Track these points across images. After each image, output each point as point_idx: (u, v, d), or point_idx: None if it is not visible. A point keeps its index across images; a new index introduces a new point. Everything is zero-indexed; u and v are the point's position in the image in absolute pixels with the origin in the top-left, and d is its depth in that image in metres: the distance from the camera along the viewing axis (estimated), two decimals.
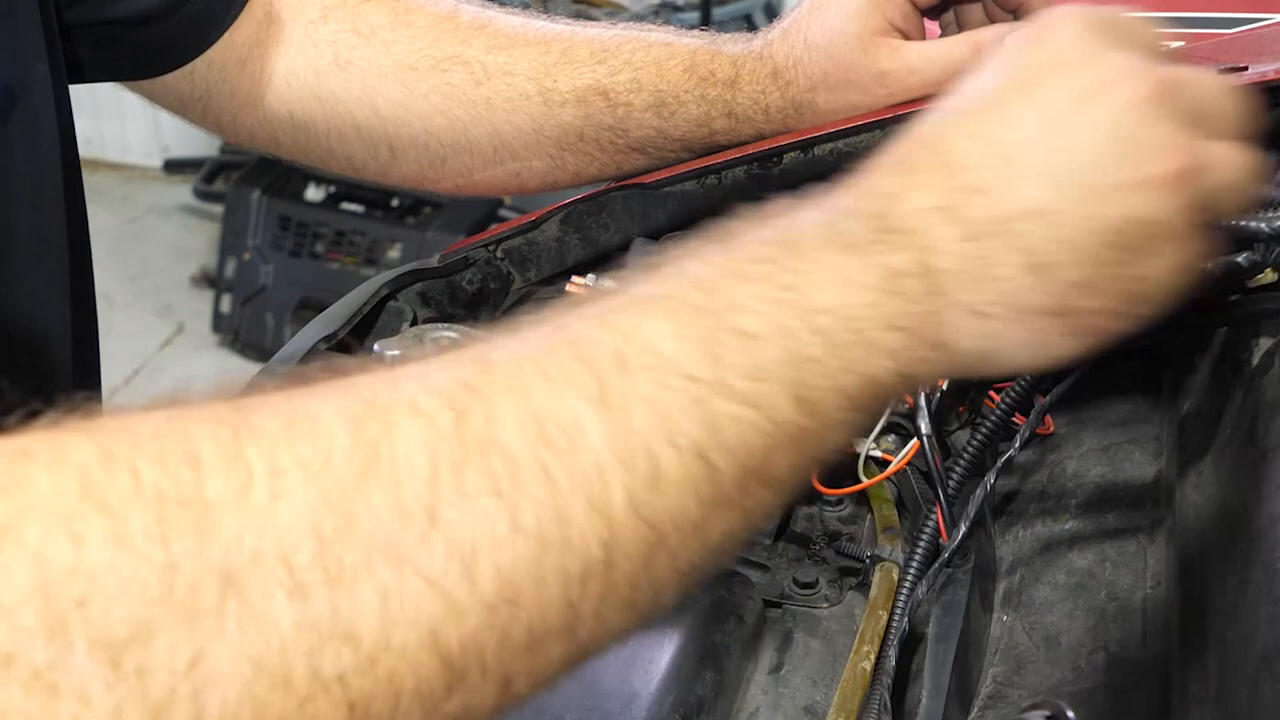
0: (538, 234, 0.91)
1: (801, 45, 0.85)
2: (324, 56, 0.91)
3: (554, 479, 0.39)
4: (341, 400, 0.40)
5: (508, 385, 0.41)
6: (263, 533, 0.36)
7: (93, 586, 0.33)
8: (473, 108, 0.90)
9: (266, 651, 0.35)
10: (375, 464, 0.38)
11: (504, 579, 0.38)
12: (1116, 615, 0.68)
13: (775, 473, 0.45)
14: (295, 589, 0.35)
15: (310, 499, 0.37)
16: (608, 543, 0.40)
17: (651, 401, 0.42)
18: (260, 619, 0.35)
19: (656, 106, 0.87)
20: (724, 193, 0.86)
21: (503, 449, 0.39)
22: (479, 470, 0.39)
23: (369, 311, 0.85)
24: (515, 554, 0.38)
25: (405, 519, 0.37)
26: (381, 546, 0.37)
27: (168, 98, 0.93)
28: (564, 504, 0.39)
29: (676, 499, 0.42)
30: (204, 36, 0.89)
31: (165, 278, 3.56)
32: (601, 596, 0.41)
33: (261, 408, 0.39)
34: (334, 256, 3.18)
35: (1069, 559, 0.72)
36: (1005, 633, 0.69)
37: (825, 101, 0.85)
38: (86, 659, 0.33)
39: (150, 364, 3.23)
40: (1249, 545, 0.60)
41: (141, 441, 0.37)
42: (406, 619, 0.37)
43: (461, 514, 0.38)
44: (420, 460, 0.38)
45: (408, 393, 0.40)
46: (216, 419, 0.38)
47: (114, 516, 0.34)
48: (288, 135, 0.95)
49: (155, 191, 3.99)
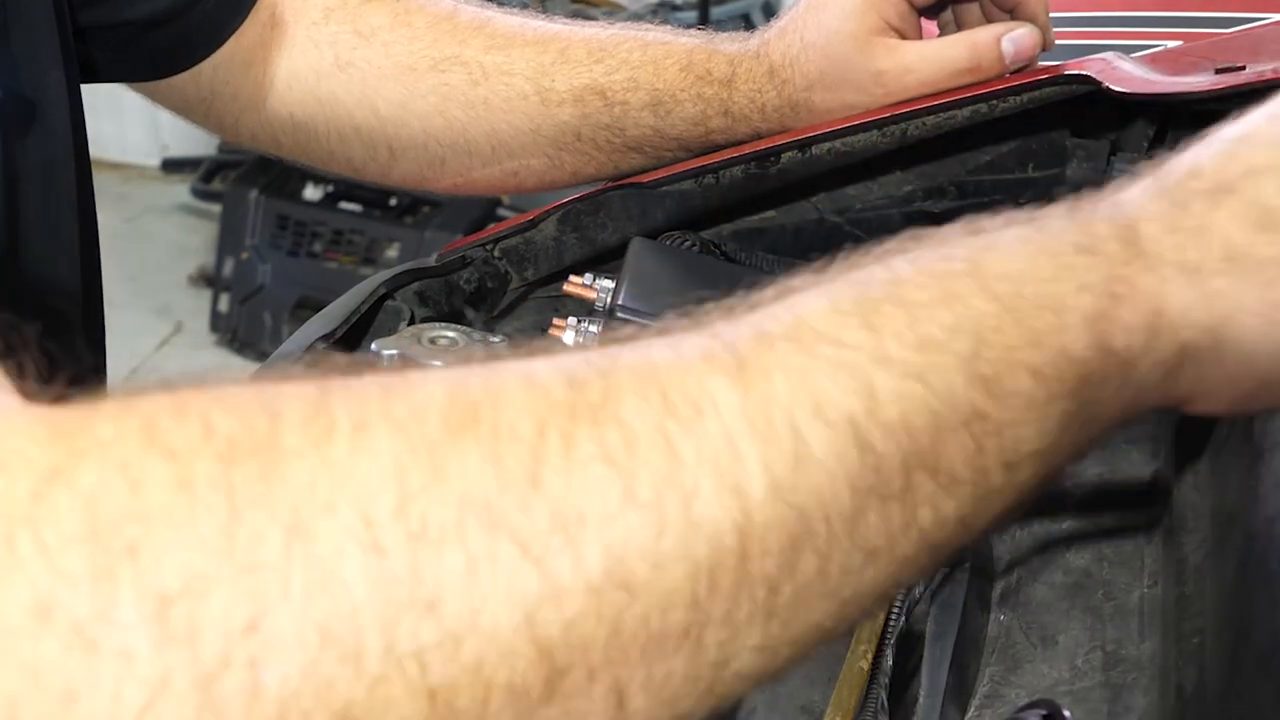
0: (535, 233, 0.91)
1: (798, 44, 0.85)
2: (325, 58, 0.91)
3: (678, 451, 0.34)
4: (449, 370, 0.36)
5: (633, 362, 0.37)
6: (339, 483, 0.32)
7: (147, 532, 0.30)
8: (471, 108, 0.90)
9: (335, 615, 0.30)
10: (474, 423, 0.34)
11: (614, 557, 0.33)
12: (1114, 614, 0.68)
13: (947, 464, 0.38)
14: (372, 545, 0.31)
15: (396, 450, 0.33)
16: (742, 528, 0.34)
17: (797, 370, 0.36)
18: (330, 578, 0.31)
19: (653, 106, 0.87)
20: (721, 192, 0.86)
21: (620, 420, 0.35)
22: (591, 438, 0.34)
23: (366, 311, 0.85)
24: (629, 530, 0.33)
25: (504, 480, 0.33)
26: (475, 506, 0.32)
27: (171, 98, 0.93)
28: (689, 478, 0.34)
29: (826, 483, 0.36)
30: (213, 39, 0.90)
31: (163, 277, 3.55)
32: (733, 597, 0.35)
33: (363, 378, 0.36)
34: (332, 256, 3.18)
35: (1066, 558, 0.72)
36: (1002, 632, 0.69)
37: (822, 101, 0.85)
38: (133, 610, 0.29)
39: (148, 363, 3.23)
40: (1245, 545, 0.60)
41: (222, 396, 0.33)
42: (499, 593, 0.32)
43: (568, 480, 0.33)
44: (525, 424, 0.34)
45: (523, 365, 0.36)
46: (307, 380, 0.35)
47: (178, 461, 0.31)
48: (288, 136, 0.95)
49: (153, 191, 3.98)
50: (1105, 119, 0.88)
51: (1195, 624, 0.63)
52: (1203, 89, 0.74)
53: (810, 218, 0.93)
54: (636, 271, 0.80)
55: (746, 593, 0.35)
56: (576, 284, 0.81)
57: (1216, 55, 0.80)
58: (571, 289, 0.82)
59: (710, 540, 0.34)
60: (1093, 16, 1.06)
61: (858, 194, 0.92)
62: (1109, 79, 0.76)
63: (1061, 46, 0.86)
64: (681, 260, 0.84)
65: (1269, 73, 0.73)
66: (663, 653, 0.34)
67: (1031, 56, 0.84)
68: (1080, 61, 0.79)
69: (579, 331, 0.79)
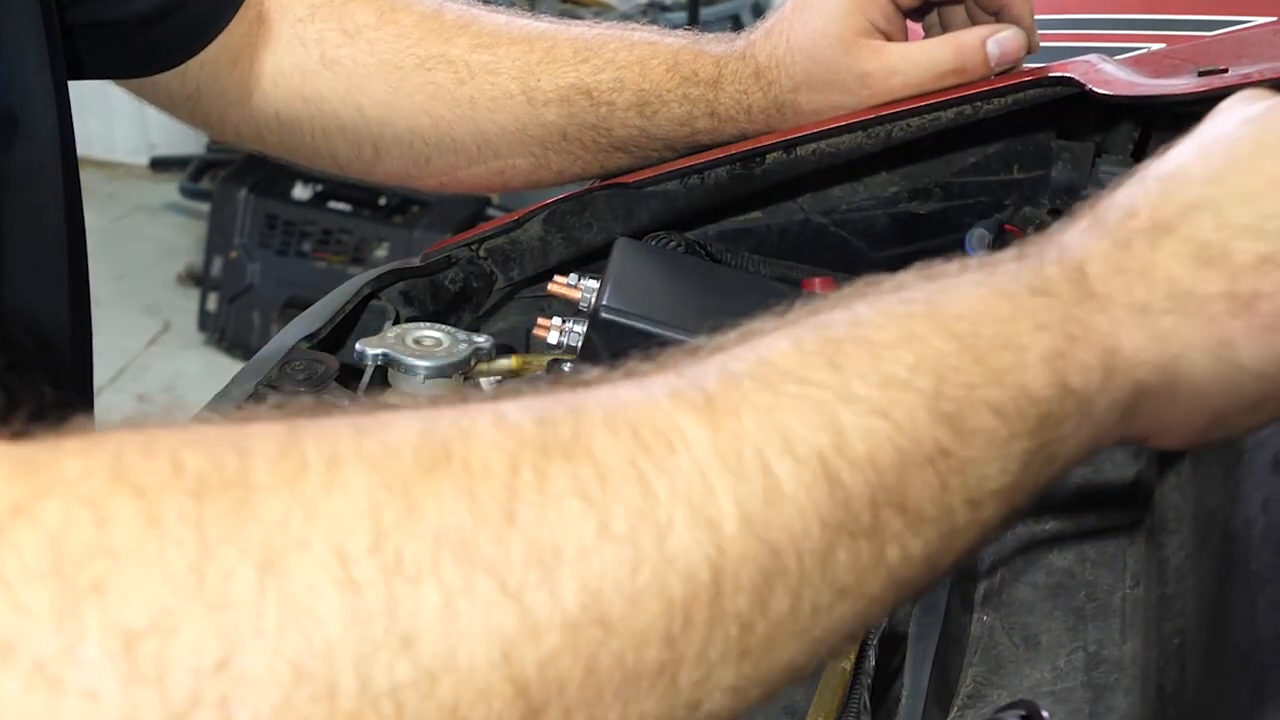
0: (520, 233, 0.91)
1: (784, 45, 0.85)
2: (310, 55, 0.91)
3: (650, 486, 0.34)
4: (419, 410, 0.36)
5: (599, 400, 0.37)
6: (312, 519, 0.31)
7: (113, 568, 0.29)
8: (457, 106, 0.90)
9: (308, 653, 0.30)
10: (447, 460, 0.33)
11: (591, 592, 0.33)
12: (1095, 615, 0.68)
13: (913, 501, 0.38)
14: (346, 582, 0.31)
15: (369, 486, 0.32)
16: (716, 563, 0.34)
17: (764, 407, 0.37)
18: (303, 615, 0.30)
19: (639, 106, 0.87)
20: (707, 193, 0.86)
21: (592, 455, 0.35)
22: (564, 473, 0.34)
23: (351, 311, 0.85)
24: (605, 564, 0.33)
25: (479, 516, 0.33)
26: (450, 542, 0.32)
27: (157, 95, 0.93)
28: (663, 512, 0.34)
29: (797, 518, 0.36)
30: (201, 37, 0.89)
31: (151, 276, 3.54)
32: (707, 635, 0.34)
33: (333, 417, 0.35)
34: (321, 255, 3.17)
35: (1049, 559, 0.72)
36: (985, 632, 0.69)
37: (808, 102, 0.85)
38: (99, 648, 0.28)
39: (136, 362, 3.22)
40: (1226, 546, 0.60)
41: (190, 435, 0.33)
42: (475, 631, 0.31)
43: (543, 515, 0.33)
44: (497, 460, 0.34)
45: (491, 407, 0.36)
46: (275, 420, 0.34)
47: (146, 498, 0.30)
48: (274, 134, 0.95)
49: (141, 189, 3.97)
50: (1090, 121, 0.89)
51: (1176, 624, 0.63)
52: (1186, 91, 0.75)
53: (795, 218, 0.93)
54: (621, 272, 0.80)
55: (720, 630, 0.35)
56: (561, 284, 0.81)
57: (1199, 58, 0.80)
58: (556, 289, 0.82)
59: (684, 575, 0.34)
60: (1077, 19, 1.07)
61: (843, 195, 0.92)
62: (1092, 81, 0.76)
63: (1046, 49, 0.86)
64: (666, 261, 0.84)
65: (1255, 74, 0.73)
66: (637, 692, 0.34)
67: (1016, 59, 0.84)
68: (1064, 64, 0.80)
69: (563, 332, 0.79)
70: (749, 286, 0.84)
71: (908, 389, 0.38)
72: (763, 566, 0.35)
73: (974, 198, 0.90)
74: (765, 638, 0.36)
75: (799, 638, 0.37)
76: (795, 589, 0.36)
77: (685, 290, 0.81)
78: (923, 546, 0.39)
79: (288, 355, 0.78)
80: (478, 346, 0.78)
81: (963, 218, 0.89)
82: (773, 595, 0.35)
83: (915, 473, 0.38)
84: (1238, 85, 0.72)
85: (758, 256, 0.92)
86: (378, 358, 0.76)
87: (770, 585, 0.35)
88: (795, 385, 0.37)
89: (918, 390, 0.38)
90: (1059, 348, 0.41)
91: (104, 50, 0.87)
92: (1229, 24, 0.94)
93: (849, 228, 0.92)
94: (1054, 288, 0.42)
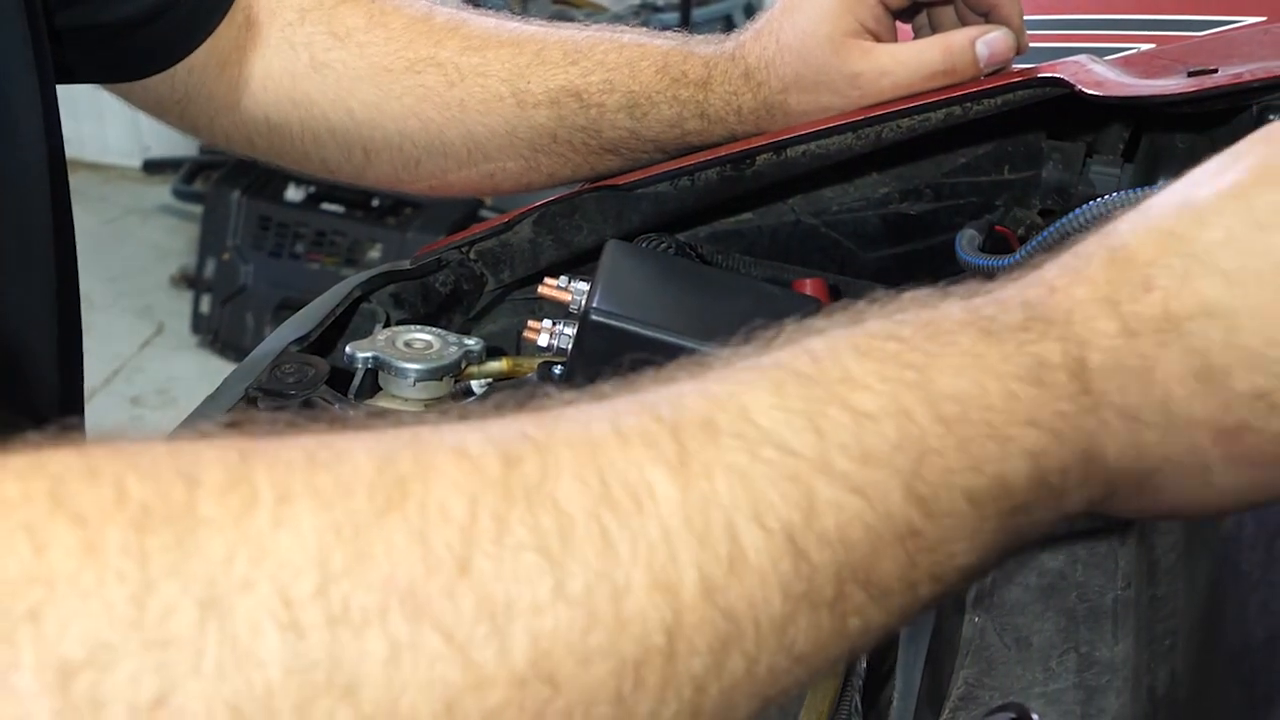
0: (511, 235, 0.91)
1: (774, 46, 0.85)
2: (300, 59, 0.91)
3: (613, 545, 0.34)
4: (378, 438, 0.35)
5: (572, 438, 0.36)
6: (258, 559, 0.31)
7: (50, 597, 0.29)
8: (446, 109, 0.90)
9: (248, 696, 0.29)
10: (402, 501, 0.33)
11: (541, 650, 0.32)
12: (1087, 616, 0.68)
13: (879, 578, 0.38)
14: (290, 626, 0.30)
15: (320, 527, 0.32)
16: (671, 628, 0.34)
17: (739, 472, 0.36)
18: (244, 656, 0.29)
19: (629, 107, 0.87)
20: (697, 194, 0.86)
21: (556, 504, 0.34)
22: (525, 523, 0.33)
23: (341, 314, 0.85)
24: (557, 623, 0.33)
25: (431, 564, 0.32)
26: (399, 592, 0.31)
27: (146, 99, 0.93)
28: (622, 574, 0.34)
29: (759, 588, 0.35)
30: (188, 40, 0.89)
31: (144, 278, 3.54)
32: (659, 695, 0.34)
33: (285, 441, 0.35)
34: (314, 257, 3.17)
35: (1040, 560, 0.72)
36: (976, 634, 0.69)
37: (797, 103, 0.85)
38: (33, 678, 0.28)
39: (129, 365, 3.21)
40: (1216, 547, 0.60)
41: (136, 460, 0.32)
42: (419, 681, 0.31)
43: (498, 567, 0.32)
44: (456, 504, 0.33)
45: (454, 436, 0.35)
46: (228, 445, 0.34)
47: (87, 527, 0.30)
48: (263, 138, 0.95)
49: (134, 192, 3.97)
50: (1081, 121, 0.88)
51: (1168, 625, 0.63)
52: (1175, 91, 0.75)
53: (786, 220, 0.93)
54: (612, 274, 0.80)
55: (673, 691, 0.34)
56: (552, 286, 0.81)
57: (1189, 58, 0.80)
58: (547, 291, 0.81)
59: (638, 639, 0.34)
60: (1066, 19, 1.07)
61: (834, 196, 0.92)
62: (1082, 82, 0.76)
63: (1036, 49, 0.86)
64: (657, 263, 0.84)
65: (1246, 75, 0.73)
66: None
67: (1006, 60, 0.84)
68: (1054, 64, 0.80)
69: (554, 334, 0.79)
70: (740, 288, 0.84)
71: (886, 467, 0.38)
72: (720, 632, 0.35)
73: (964, 198, 0.90)
74: (719, 698, 0.35)
75: (753, 698, 0.36)
76: (752, 654, 0.36)
77: (676, 292, 0.81)
78: (884, 617, 0.39)
79: (278, 358, 0.78)
80: (468, 349, 0.78)
81: (953, 218, 0.89)
82: (729, 659, 0.35)
83: (884, 550, 0.38)
84: (1227, 85, 0.72)
85: (749, 258, 0.92)
86: (368, 361, 0.76)
87: (727, 650, 0.35)
88: (774, 451, 0.37)
89: (896, 469, 0.38)
90: (1044, 445, 0.40)
91: (91, 54, 0.87)
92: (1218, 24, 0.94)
93: (840, 229, 0.92)
94: (1050, 376, 0.41)
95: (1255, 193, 0.43)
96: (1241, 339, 0.41)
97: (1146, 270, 0.42)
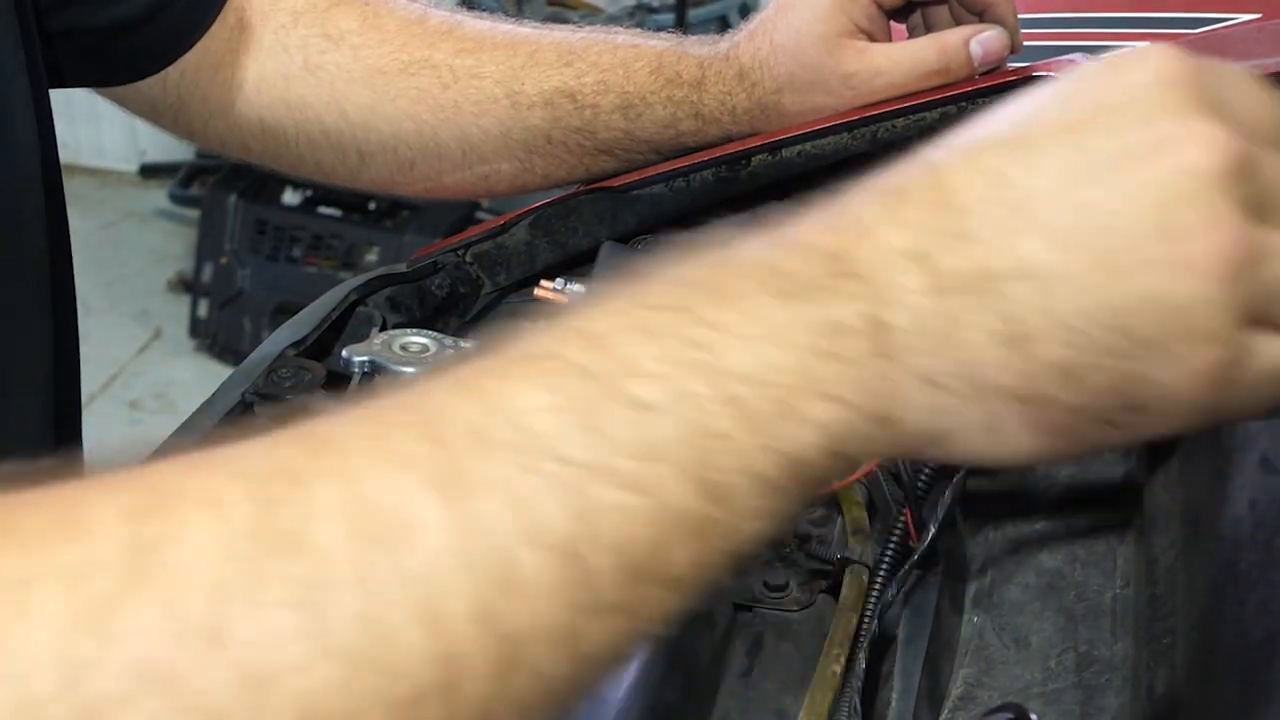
0: (507, 238, 0.91)
1: (768, 47, 0.85)
2: (294, 62, 0.91)
3: (375, 587, 0.32)
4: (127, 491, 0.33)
5: (331, 470, 0.34)
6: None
7: None
8: (440, 111, 0.90)
9: None
10: (151, 572, 0.31)
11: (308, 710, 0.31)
12: (1086, 615, 0.68)
13: (672, 571, 0.37)
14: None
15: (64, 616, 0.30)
16: (446, 661, 0.33)
17: (511, 489, 0.34)
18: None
19: (623, 108, 0.87)
20: (692, 195, 0.86)
21: (314, 550, 0.32)
22: (280, 577, 0.32)
23: (338, 318, 0.84)
24: (325, 679, 0.31)
25: (182, 640, 0.31)
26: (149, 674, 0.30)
27: (140, 103, 0.93)
28: (386, 617, 0.32)
29: (541, 606, 0.34)
30: (180, 43, 0.89)
31: (142, 282, 3.54)
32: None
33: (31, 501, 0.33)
34: (311, 260, 3.17)
35: (1039, 559, 0.72)
36: (975, 634, 0.69)
37: (792, 103, 0.85)
38: None
39: (127, 369, 3.21)
40: (1215, 546, 0.60)
41: None
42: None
43: (254, 630, 0.31)
44: (204, 567, 0.31)
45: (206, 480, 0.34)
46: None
47: None
48: (257, 141, 0.95)
49: (131, 196, 3.96)
50: None
51: (1166, 624, 0.63)
52: None
53: None
54: (608, 275, 0.79)
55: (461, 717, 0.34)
56: (548, 288, 0.81)
57: None
58: (543, 294, 0.81)
59: (410, 677, 0.32)
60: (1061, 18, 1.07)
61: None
62: None
63: (1030, 48, 0.86)
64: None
65: None
66: None
67: (1000, 59, 0.84)
68: (1048, 63, 0.80)
69: None
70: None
71: (670, 461, 0.36)
72: (502, 655, 0.34)
73: None
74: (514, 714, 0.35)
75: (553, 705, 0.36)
76: (541, 669, 0.35)
77: None
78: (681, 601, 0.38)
79: (274, 363, 0.78)
80: (464, 352, 0.78)
81: None
82: (515, 678, 0.34)
83: (675, 544, 0.36)
84: None
85: None
86: (364, 364, 0.76)
87: (514, 670, 0.34)
88: (548, 460, 0.35)
89: (680, 462, 0.36)
90: (838, 416, 0.39)
91: (83, 57, 0.87)
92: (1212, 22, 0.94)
93: None
94: (848, 344, 0.39)
95: (1089, 138, 0.40)
96: (1054, 305, 0.39)
97: (965, 219, 0.40)
